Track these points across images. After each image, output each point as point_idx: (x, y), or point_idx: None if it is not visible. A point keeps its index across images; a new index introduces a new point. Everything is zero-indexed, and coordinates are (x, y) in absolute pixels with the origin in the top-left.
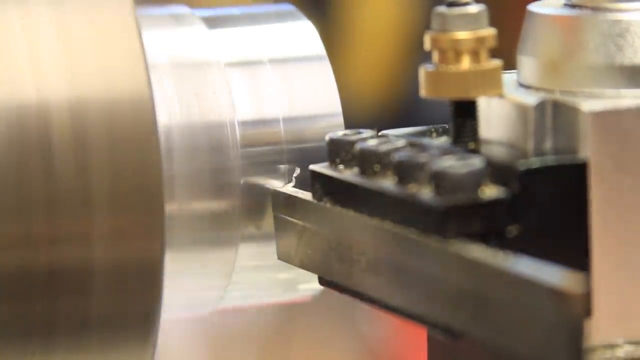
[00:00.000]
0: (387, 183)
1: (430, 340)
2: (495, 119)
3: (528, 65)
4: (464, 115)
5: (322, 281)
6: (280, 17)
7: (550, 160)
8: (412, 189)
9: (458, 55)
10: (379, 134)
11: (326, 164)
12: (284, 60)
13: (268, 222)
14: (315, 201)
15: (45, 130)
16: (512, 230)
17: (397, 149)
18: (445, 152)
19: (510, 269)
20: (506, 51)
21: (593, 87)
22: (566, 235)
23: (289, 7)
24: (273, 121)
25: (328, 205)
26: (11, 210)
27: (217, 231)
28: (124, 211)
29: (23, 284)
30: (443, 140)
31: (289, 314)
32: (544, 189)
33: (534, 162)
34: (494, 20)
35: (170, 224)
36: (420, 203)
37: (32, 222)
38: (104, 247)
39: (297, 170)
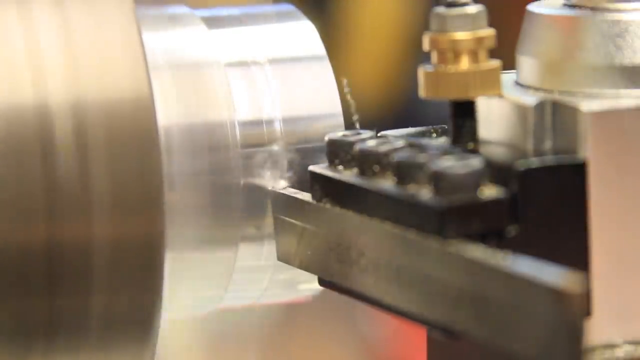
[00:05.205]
0: (387, 184)
1: (430, 340)
2: (494, 119)
3: (527, 66)
4: (463, 115)
5: (321, 282)
6: (280, 17)
7: (549, 160)
8: (412, 189)
9: (457, 56)
10: (378, 134)
11: (325, 164)
12: (284, 60)
13: (268, 222)
14: (314, 202)
15: (45, 130)
16: (512, 230)
17: (396, 150)
18: (444, 152)
19: (509, 269)
20: (506, 51)
21: (592, 87)
22: (566, 235)
23: (289, 7)
24: (273, 121)
25: (327, 206)
26: (11, 211)
27: (217, 231)
28: (124, 211)
29: (22, 281)
30: (442, 141)
31: (289, 314)
32: (543, 189)
33: (533, 162)
34: (494, 20)
35: (170, 224)
36: (420, 203)
37: (32, 225)
38: (105, 247)
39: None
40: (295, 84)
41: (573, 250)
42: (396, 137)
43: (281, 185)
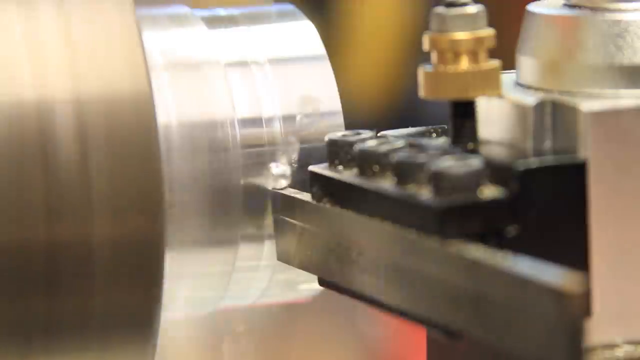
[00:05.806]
0: (386, 184)
1: (429, 340)
2: (494, 119)
3: (527, 65)
4: (463, 115)
5: (321, 282)
6: (280, 17)
7: (549, 160)
8: (411, 189)
9: (457, 56)
10: (378, 134)
11: (325, 164)
12: (284, 60)
13: (268, 222)
14: (314, 202)
15: (45, 130)
16: (511, 230)
17: (396, 150)
18: (444, 152)
19: (509, 269)
20: (506, 51)
21: (592, 87)
22: (565, 235)
23: (289, 7)
24: (273, 121)
25: (327, 206)
26: (11, 210)
27: (217, 231)
28: (124, 211)
29: (22, 281)
30: (442, 141)
31: (289, 314)
32: (543, 189)
33: (533, 162)
34: (494, 20)
35: (170, 224)
36: (419, 203)
37: (32, 225)
38: (105, 247)
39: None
40: (295, 83)
41: (573, 250)
42: (396, 137)
43: (281, 185)
